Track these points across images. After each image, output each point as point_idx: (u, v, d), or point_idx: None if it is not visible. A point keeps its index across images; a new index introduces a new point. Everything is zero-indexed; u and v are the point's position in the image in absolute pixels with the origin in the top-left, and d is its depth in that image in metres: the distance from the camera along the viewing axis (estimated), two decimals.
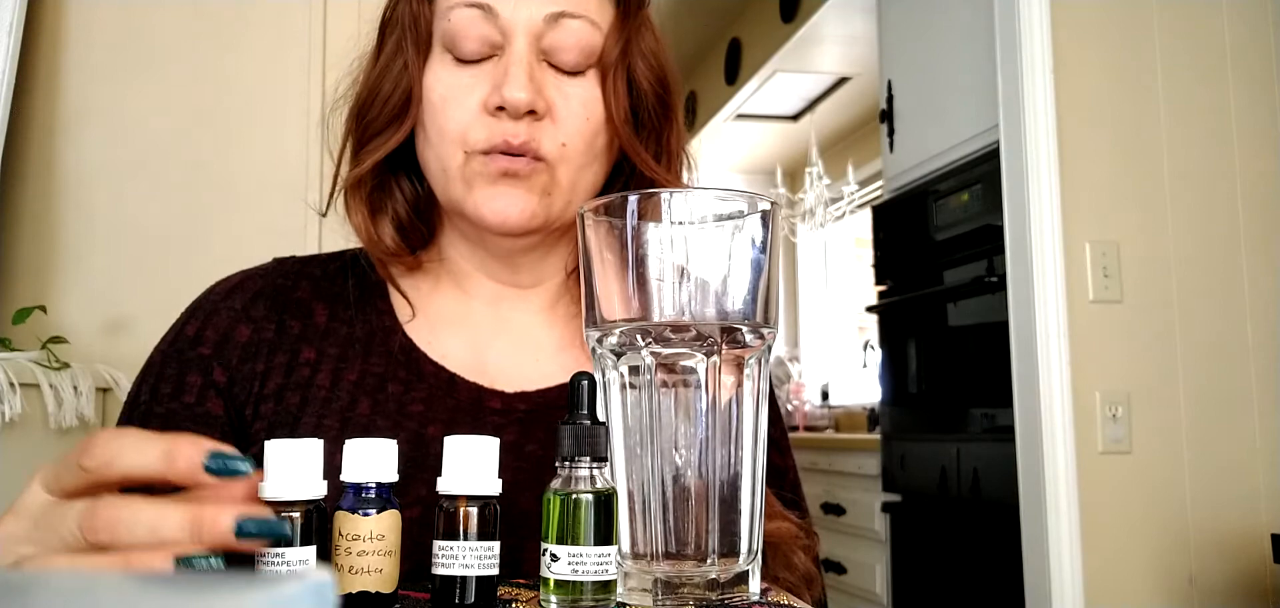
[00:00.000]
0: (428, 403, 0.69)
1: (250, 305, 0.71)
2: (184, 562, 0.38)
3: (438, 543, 0.48)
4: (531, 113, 0.66)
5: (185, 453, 0.41)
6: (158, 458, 0.41)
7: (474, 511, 0.48)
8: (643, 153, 0.72)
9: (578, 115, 0.68)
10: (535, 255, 0.74)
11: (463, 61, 0.68)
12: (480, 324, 0.75)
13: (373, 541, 0.45)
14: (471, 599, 0.47)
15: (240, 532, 0.39)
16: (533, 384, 0.72)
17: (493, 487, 0.48)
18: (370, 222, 0.72)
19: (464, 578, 0.47)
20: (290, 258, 0.77)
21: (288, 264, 0.76)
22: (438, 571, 0.48)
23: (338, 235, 0.82)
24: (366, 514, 0.45)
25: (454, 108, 0.67)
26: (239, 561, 0.42)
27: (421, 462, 0.65)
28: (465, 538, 0.47)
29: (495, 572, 0.48)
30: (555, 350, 0.75)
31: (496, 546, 0.48)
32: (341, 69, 0.76)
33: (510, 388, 0.71)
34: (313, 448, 0.45)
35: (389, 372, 0.70)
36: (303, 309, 0.71)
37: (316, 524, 0.44)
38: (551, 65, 0.68)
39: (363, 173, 0.71)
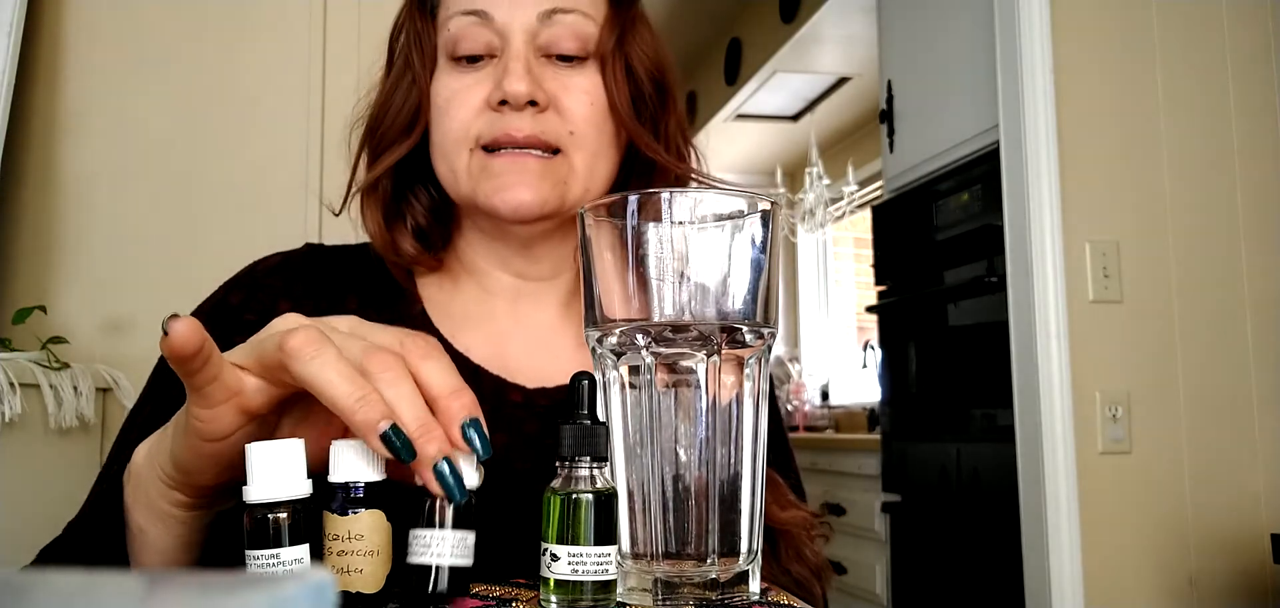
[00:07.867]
0: None
1: (292, 285, 0.73)
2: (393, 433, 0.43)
3: (413, 532, 0.47)
4: (533, 105, 0.69)
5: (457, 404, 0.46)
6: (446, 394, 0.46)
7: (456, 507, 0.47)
8: (647, 138, 0.74)
9: (581, 102, 0.71)
10: (552, 242, 0.76)
11: (465, 65, 0.71)
12: (500, 323, 0.77)
13: (352, 540, 0.45)
14: (443, 587, 0.47)
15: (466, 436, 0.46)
16: (552, 380, 0.74)
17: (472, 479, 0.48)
18: (385, 230, 0.75)
19: (438, 567, 0.47)
20: (321, 245, 0.80)
21: (321, 251, 0.79)
22: (412, 559, 0.47)
23: (340, 237, 0.83)
24: (346, 514, 0.45)
25: (459, 108, 0.71)
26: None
27: None
28: (440, 526, 0.47)
29: (469, 562, 0.48)
30: (572, 348, 0.77)
31: (471, 536, 0.48)
32: (344, 74, 0.77)
33: (531, 384, 0.73)
34: (294, 448, 0.45)
35: None
36: (337, 294, 0.74)
37: (305, 522, 0.45)
38: (551, 58, 0.71)
39: (376, 176, 0.74)
